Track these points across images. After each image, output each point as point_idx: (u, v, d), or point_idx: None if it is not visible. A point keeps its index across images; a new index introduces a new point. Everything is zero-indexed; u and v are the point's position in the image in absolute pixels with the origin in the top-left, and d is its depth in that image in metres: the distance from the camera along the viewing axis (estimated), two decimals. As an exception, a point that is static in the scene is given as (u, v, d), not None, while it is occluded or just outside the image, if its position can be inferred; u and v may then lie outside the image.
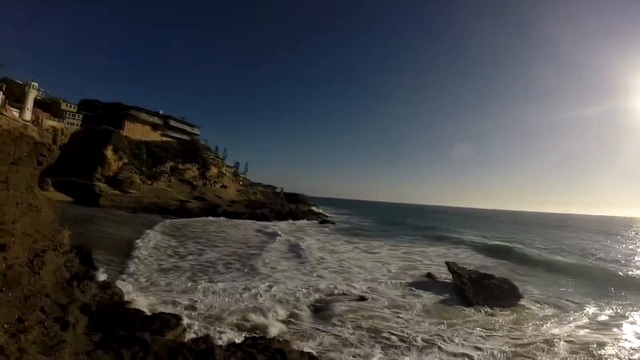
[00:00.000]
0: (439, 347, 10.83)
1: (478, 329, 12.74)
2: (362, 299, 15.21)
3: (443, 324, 13.02)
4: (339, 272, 20.43)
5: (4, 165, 14.64)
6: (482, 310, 14.76)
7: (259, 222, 48.91)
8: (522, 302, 15.85)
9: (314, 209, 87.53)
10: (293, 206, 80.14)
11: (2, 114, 20.17)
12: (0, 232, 11.13)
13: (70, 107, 66.29)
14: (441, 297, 16.40)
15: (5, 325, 6.84)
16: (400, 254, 28.78)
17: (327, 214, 78.39)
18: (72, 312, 9.50)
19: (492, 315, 14.35)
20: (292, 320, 12.52)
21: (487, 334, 12.30)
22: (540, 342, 11.72)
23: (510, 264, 26.91)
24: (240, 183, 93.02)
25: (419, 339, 11.37)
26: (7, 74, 54.77)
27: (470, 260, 28.35)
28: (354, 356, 9.96)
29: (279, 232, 37.22)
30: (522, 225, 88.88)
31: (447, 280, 18.86)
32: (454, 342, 11.34)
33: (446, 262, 20.37)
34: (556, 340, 11.98)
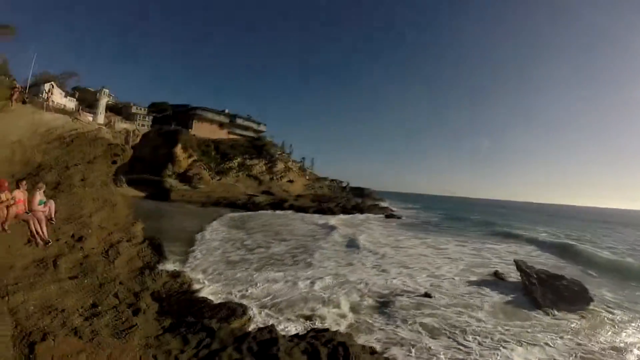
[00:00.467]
0: (503, 350, 10.05)
1: (546, 332, 11.66)
2: (426, 295, 14.56)
3: (508, 325, 12.07)
4: (403, 266, 19.77)
5: (81, 165, 15.98)
6: (550, 312, 13.51)
7: (324, 216, 49.13)
8: (593, 306, 14.25)
9: (380, 203, 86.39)
10: (359, 200, 79.69)
11: (77, 118, 22.16)
12: (78, 225, 12.12)
13: (140, 110, 71.54)
14: (508, 297, 15.24)
15: (80, 309, 7.35)
16: (468, 250, 27.24)
17: (394, 208, 76.84)
18: (143, 298, 10.08)
19: (561, 318, 13.05)
20: (354, 313, 12.29)
21: (555, 338, 11.19)
22: (612, 350, 10.43)
23: (582, 265, 24.30)
24: (307, 177, 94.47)
25: (482, 340, 10.63)
26: (80, 82, 60.24)
27: (541, 259, 26.09)
28: (415, 353, 9.51)
29: (344, 226, 37.02)
30: (590, 222, 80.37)
31: (515, 280, 17.52)
32: (519, 345, 10.47)
33: (514, 260, 18.93)
34: (631, 348, 10.61)
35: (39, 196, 9.88)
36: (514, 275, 18.12)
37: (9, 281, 6.72)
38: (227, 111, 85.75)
